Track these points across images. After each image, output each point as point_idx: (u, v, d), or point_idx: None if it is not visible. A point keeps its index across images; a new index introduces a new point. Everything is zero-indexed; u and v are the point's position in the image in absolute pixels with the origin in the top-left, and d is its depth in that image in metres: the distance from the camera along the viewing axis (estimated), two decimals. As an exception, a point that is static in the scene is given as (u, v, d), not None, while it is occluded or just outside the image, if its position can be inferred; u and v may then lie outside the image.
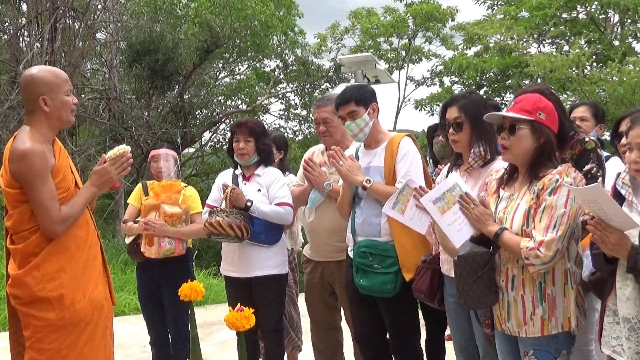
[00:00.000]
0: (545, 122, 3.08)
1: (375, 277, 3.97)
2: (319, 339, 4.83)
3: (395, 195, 3.77)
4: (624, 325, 2.78)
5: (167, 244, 4.77)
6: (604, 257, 2.85)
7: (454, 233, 3.23)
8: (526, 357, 3.12)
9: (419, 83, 26.75)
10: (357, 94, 4.10)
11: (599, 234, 2.73)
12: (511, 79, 18.59)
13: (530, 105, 3.08)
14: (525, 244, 2.95)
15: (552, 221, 2.92)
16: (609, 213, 2.67)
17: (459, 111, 3.58)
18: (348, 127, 4.09)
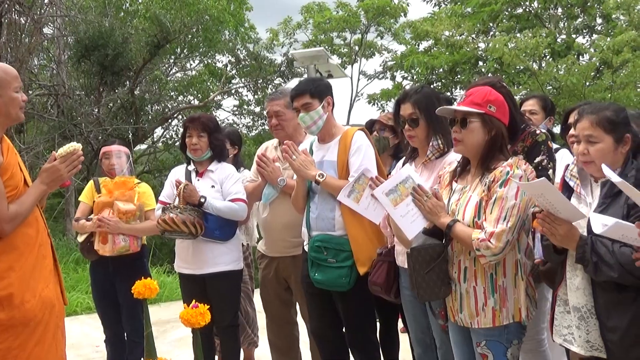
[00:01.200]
0: (496, 114, 3.11)
1: (329, 272, 3.98)
2: (274, 335, 4.83)
3: (351, 184, 3.79)
4: (574, 315, 2.84)
5: (122, 242, 4.71)
6: (554, 248, 2.91)
7: (407, 225, 3.26)
8: (478, 347, 3.16)
9: (371, 77, 26.89)
10: (313, 86, 4.10)
11: (547, 227, 2.78)
12: (460, 74, 18.83)
13: (480, 99, 3.11)
14: (477, 236, 2.98)
15: (502, 213, 2.97)
16: (556, 206, 2.72)
17: (413, 107, 3.60)
18: (302, 119, 4.09)
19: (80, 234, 4.96)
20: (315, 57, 10.46)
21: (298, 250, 4.42)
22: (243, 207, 4.54)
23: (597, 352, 2.78)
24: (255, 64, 19.74)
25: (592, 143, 2.81)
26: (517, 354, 3.18)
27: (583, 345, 2.81)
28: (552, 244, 2.90)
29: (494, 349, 3.12)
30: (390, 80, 24.54)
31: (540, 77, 13.80)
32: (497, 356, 3.12)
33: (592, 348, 2.79)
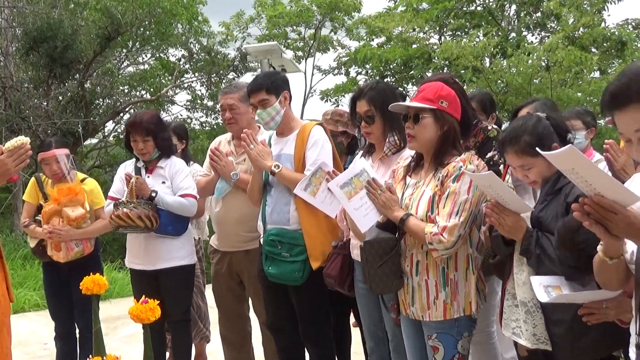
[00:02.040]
0: (448, 110, 3.14)
1: (283, 266, 3.98)
2: (227, 329, 4.81)
3: (307, 177, 3.79)
4: (521, 309, 2.90)
5: (75, 247, 4.69)
6: (503, 240, 2.97)
7: (361, 218, 3.28)
8: (430, 340, 3.20)
9: (326, 73, 26.93)
10: (269, 82, 4.08)
11: (496, 217, 2.84)
12: (414, 69, 19.00)
13: (432, 94, 3.14)
14: (429, 230, 3.02)
15: (455, 207, 3.01)
16: (504, 198, 2.78)
17: (368, 104, 3.61)
18: (259, 116, 4.07)
19: (31, 238, 4.87)
20: (269, 52, 10.43)
21: (251, 245, 4.42)
22: (193, 203, 4.51)
23: (543, 345, 2.84)
24: (208, 58, 19.59)
25: (528, 169, 2.87)
26: (467, 346, 3.23)
27: (530, 339, 2.87)
28: (500, 236, 2.95)
29: (445, 342, 3.16)
30: (344, 75, 24.64)
31: (489, 76, 14.04)
32: (448, 348, 3.16)
33: (539, 341, 2.85)
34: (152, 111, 4.60)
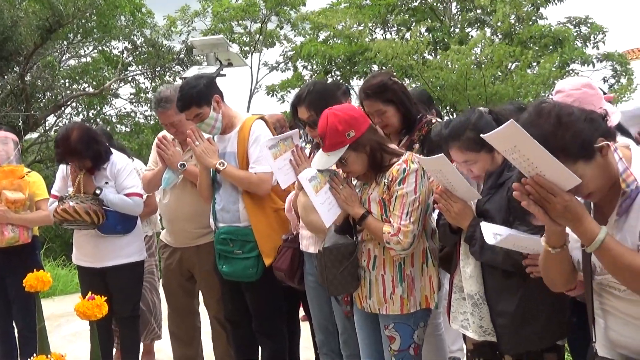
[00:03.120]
0: (357, 134, 3.12)
1: (236, 263, 3.98)
2: (176, 325, 4.77)
3: (278, 138, 3.73)
4: (468, 301, 2.95)
5: (11, 232, 4.52)
6: (449, 228, 3.02)
7: (325, 212, 3.26)
8: (386, 330, 3.24)
9: (272, 67, 26.84)
10: (196, 94, 3.93)
11: (443, 203, 2.88)
12: (358, 65, 19.10)
13: (335, 137, 3.11)
14: (387, 230, 3.07)
15: (405, 209, 3.06)
16: (453, 183, 2.82)
17: (308, 110, 3.63)
18: (200, 128, 4.00)
19: None
20: (215, 45, 10.29)
21: (202, 240, 4.40)
22: (138, 202, 4.45)
23: (489, 337, 2.89)
24: (152, 51, 19.34)
25: (471, 164, 2.90)
26: (422, 336, 3.29)
27: (477, 331, 2.93)
28: (447, 224, 3.00)
29: (402, 331, 3.21)
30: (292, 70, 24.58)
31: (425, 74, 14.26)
32: (405, 338, 3.21)
33: (485, 333, 2.90)
34: (76, 129, 4.35)
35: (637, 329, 2.06)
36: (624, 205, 2.04)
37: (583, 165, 1.93)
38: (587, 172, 1.94)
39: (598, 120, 2.01)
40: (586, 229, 1.96)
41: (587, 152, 1.94)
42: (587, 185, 1.96)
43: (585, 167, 1.94)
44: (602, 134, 1.98)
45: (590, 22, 19.51)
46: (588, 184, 1.96)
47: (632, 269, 1.94)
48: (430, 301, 3.21)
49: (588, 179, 1.95)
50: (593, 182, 1.97)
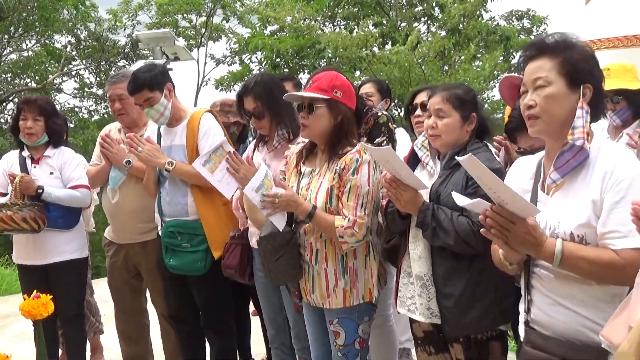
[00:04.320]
0: (342, 99, 3.17)
1: (184, 257, 3.95)
2: (124, 323, 4.71)
3: (208, 153, 3.72)
4: (417, 283, 2.99)
5: None
6: (398, 214, 3.05)
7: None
8: (331, 325, 3.26)
9: (219, 61, 26.64)
10: (149, 78, 3.93)
11: (393, 191, 2.92)
12: (306, 59, 19.10)
13: (326, 84, 3.16)
14: (341, 223, 3.06)
15: (359, 200, 3.06)
16: (401, 173, 2.86)
17: (254, 101, 3.63)
18: (148, 114, 3.98)
19: None
20: (161, 39, 10.20)
21: (148, 236, 4.34)
22: (86, 194, 4.38)
23: (436, 319, 2.94)
24: (97, 45, 19.00)
25: (441, 117, 2.97)
26: (368, 330, 3.31)
27: (424, 313, 2.97)
28: (396, 210, 3.03)
29: (346, 326, 3.23)
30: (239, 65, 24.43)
31: (374, 67, 14.37)
32: (349, 333, 3.23)
33: (432, 315, 2.95)
34: (47, 98, 4.41)
35: (565, 310, 2.11)
36: (562, 159, 2.12)
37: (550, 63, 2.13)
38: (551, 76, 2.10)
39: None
40: (546, 249, 2.04)
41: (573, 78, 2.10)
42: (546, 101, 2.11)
43: (556, 75, 2.11)
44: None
45: (532, 15, 19.95)
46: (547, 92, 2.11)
47: (600, 264, 2.00)
48: (374, 295, 3.22)
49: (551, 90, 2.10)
50: (551, 100, 2.11)
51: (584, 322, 2.07)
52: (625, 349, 1.60)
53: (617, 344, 1.72)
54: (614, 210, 2.00)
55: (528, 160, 2.40)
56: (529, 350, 2.18)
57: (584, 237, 2.05)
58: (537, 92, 2.13)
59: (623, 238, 1.98)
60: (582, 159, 2.09)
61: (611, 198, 2.01)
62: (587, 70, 2.13)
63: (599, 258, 1.99)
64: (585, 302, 2.08)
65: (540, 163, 2.30)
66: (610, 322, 1.84)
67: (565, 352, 2.07)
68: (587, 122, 2.09)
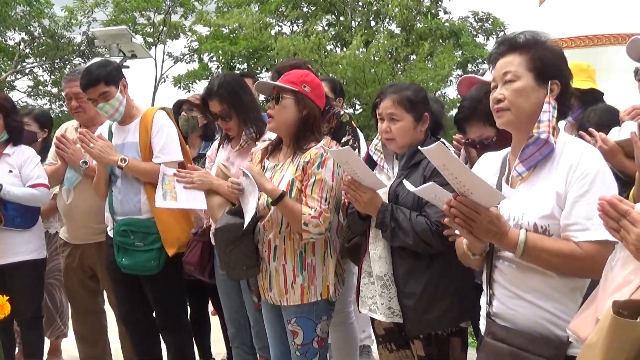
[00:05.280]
0: (310, 95, 3.21)
1: (138, 256, 3.90)
2: (80, 325, 4.65)
3: (160, 188, 3.74)
4: (377, 283, 3.01)
5: None
6: (358, 215, 3.07)
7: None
8: (289, 325, 3.26)
9: (177, 59, 26.42)
10: (105, 73, 3.90)
11: (352, 193, 2.94)
12: (261, 60, 19.09)
13: (296, 78, 3.22)
14: (308, 211, 3.06)
15: (323, 194, 3.08)
16: (360, 174, 2.88)
17: (220, 103, 3.62)
18: (102, 109, 3.93)
19: None
20: (118, 36, 10.08)
21: (103, 237, 4.27)
22: (45, 193, 4.30)
23: (397, 318, 2.97)
24: (51, 42, 18.66)
25: (394, 121, 3.00)
26: (326, 329, 3.32)
27: (385, 312, 2.99)
28: (356, 211, 3.06)
29: (304, 326, 3.23)
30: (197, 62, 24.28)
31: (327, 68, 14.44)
32: (307, 332, 3.23)
33: (393, 314, 2.98)
34: (6, 94, 4.32)
35: (525, 303, 2.16)
36: (527, 152, 2.16)
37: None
38: (520, 71, 2.17)
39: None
40: (509, 239, 2.08)
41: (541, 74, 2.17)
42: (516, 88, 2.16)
43: (524, 70, 2.17)
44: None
45: (492, 18, 20.23)
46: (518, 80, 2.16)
47: (561, 255, 2.05)
48: (331, 292, 3.23)
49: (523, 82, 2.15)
50: (519, 94, 2.16)
51: (544, 314, 2.12)
52: (593, 341, 1.63)
53: (584, 338, 1.75)
54: (578, 203, 2.04)
55: (493, 156, 2.44)
56: (489, 342, 2.22)
57: (547, 228, 2.09)
58: (506, 86, 2.18)
59: (585, 231, 2.03)
60: (547, 152, 2.14)
61: (575, 191, 2.06)
62: (556, 66, 2.20)
63: (560, 249, 2.04)
64: (545, 294, 2.12)
65: (506, 158, 2.35)
66: (578, 316, 1.88)
67: (525, 344, 2.11)
68: (553, 117, 2.15)
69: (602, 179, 2.06)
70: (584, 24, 9.36)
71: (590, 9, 9.65)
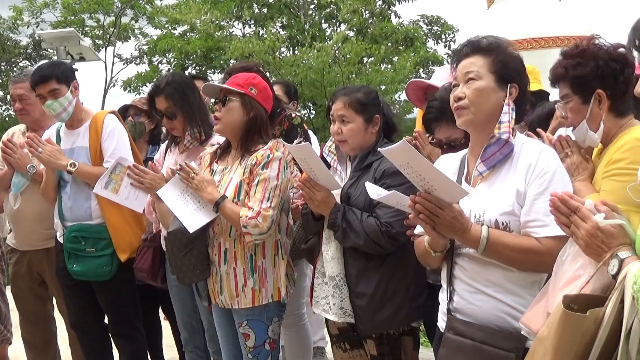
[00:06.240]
0: (257, 97, 3.21)
1: (89, 262, 3.85)
2: (29, 332, 4.54)
3: (106, 175, 3.67)
4: (330, 284, 3.04)
5: None
6: (312, 216, 3.10)
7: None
8: (241, 327, 3.25)
9: (127, 62, 26.09)
10: (58, 71, 3.87)
11: (307, 191, 2.96)
12: (215, 61, 19.00)
13: (243, 80, 3.22)
14: (245, 213, 3.04)
15: (266, 193, 3.07)
16: (316, 172, 2.90)
17: (167, 100, 3.60)
18: (50, 107, 3.85)
19: None
20: (66, 39, 9.92)
21: (51, 243, 4.20)
22: None
23: (349, 318, 3.00)
24: (-4, 44, 18.24)
25: (345, 123, 3.03)
26: (278, 330, 3.32)
27: (337, 313, 3.02)
28: (310, 211, 3.08)
29: (256, 328, 3.23)
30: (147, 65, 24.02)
31: (281, 70, 14.46)
32: (259, 334, 3.23)
33: (345, 314, 3.00)
34: None
35: (486, 297, 2.22)
36: (489, 152, 2.23)
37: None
38: (482, 71, 2.25)
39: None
40: (472, 234, 2.14)
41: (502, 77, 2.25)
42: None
43: (486, 72, 2.25)
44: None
45: (441, 22, 20.51)
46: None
47: (521, 251, 2.12)
48: (282, 294, 3.23)
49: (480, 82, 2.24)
50: (479, 93, 2.23)
51: (503, 308, 2.19)
52: (544, 334, 1.68)
53: (536, 331, 1.81)
54: (537, 200, 2.13)
55: (451, 157, 2.51)
56: (450, 337, 2.27)
57: (508, 224, 2.17)
58: (467, 85, 2.25)
59: (544, 227, 2.11)
60: (507, 152, 2.22)
61: (534, 189, 2.14)
62: (515, 71, 2.28)
63: (521, 245, 2.12)
64: (505, 288, 2.19)
65: (464, 158, 2.41)
66: (530, 310, 1.95)
67: (485, 337, 2.17)
68: (512, 118, 2.22)
69: (560, 176, 2.16)
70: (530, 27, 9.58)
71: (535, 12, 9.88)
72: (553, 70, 2.56)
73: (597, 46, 2.47)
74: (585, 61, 2.44)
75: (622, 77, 2.42)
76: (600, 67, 2.42)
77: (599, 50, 2.45)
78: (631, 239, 1.69)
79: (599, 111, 2.45)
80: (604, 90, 2.43)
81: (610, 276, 1.66)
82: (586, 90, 2.45)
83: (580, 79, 2.45)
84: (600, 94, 2.43)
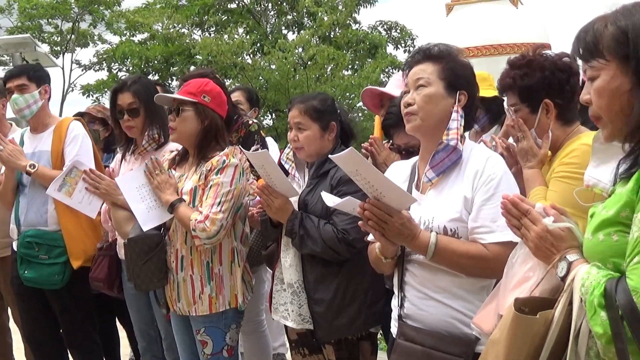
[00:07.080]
0: (211, 105, 3.18)
1: (41, 269, 3.79)
2: (-16, 344, 4.45)
3: (61, 177, 3.63)
4: (288, 290, 3.03)
5: None
6: (270, 222, 3.10)
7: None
8: (198, 335, 3.23)
9: (86, 68, 25.80)
10: (32, 70, 3.95)
11: (264, 198, 2.96)
12: (176, 66, 18.91)
13: (195, 88, 3.18)
14: (195, 217, 3.03)
15: (217, 198, 3.05)
16: (274, 179, 2.91)
17: (133, 97, 3.56)
18: (14, 101, 3.84)
19: None
20: (21, 45, 9.82)
21: (7, 252, 4.14)
22: None
23: (307, 325, 2.99)
24: (-51, 50, 17.83)
25: (301, 130, 3.04)
26: (236, 337, 3.30)
27: (296, 319, 3.01)
28: (269, 218, 3.08)
29: (213, 335, 3.21)
30: (106, 71, 23.80)
31: (249, 73, 14.45)
32: (217, 341, 3.21)
33: (304, 321, 3.00)
34: None
35: (435, 303, 2.23)
36: (437, 158, 2.25)
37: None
38: (432, 78, 2.28)
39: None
40: (420, 241, 2.16)
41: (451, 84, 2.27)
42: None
43: (436, 78, 2.28)
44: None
45: (400, 28, 20.69)
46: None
47: (469, 257, 2.14)
48: (239, 300, 3.21)
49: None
50: (429, 99, 2.26)
51: (452, 313, 2.20)
52: (497, 337, 1.69)
53: (487, 332, 1.83)
54: (484, 207, 2.15)
55: (402, 164, 2.53)
56: (401, 343, 2.28)
57: (456, 231, 2.19)
58: (417, 91, 2.27)
59: (491, 233, 2.14)
60: (455, 159, 2.24)
61: (481, 195, 2.17)
62: (465, 78, 2.31)
63: (469, 251, 2.14)
64: (454, 294, 2.21)
65: (415, 165, 2.43)
66: (481, 311, 1.96)
67: (435, 343, 2.19)
68: (461, 125, 2.25)
69: (507, 183, 2.19)
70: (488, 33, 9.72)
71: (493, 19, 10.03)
72: (501, 80, 2.63)
73: (543, 56, 2.54)
74: (532, 72, 2.51)
75: (568, 86, 2.50)
76: (547, 78, 2.48)
77: (545, 61, 2.52)
78: (579, 242, 1.71)
79: (547, 120, 2.52)
80: (551, 100, 2.49)
81: (559, 278, 1.69)
82: (534, 100, 2.52)
83: (527, 89, 2.52)
84: (547, 104, 2.50)
